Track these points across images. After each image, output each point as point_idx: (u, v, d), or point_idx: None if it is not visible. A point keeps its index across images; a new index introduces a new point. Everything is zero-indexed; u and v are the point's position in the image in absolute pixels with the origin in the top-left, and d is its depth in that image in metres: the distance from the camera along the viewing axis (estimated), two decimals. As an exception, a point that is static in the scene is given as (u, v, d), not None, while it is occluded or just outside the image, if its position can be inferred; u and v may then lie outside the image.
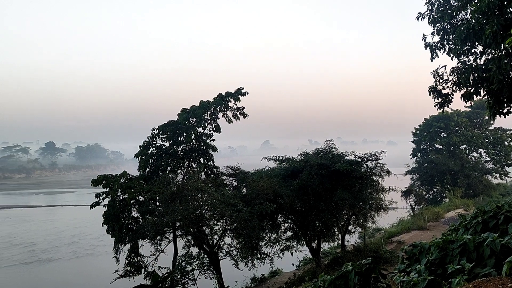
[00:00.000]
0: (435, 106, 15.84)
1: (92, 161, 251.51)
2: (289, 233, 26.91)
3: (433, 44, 15.54)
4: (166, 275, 22.14)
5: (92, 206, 25.95)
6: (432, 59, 15.67)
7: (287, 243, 26.06)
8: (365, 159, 26.84)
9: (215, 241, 23.55)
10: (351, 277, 7.77)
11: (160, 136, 28.94)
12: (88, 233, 61.48)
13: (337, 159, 25.95)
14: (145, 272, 25.18)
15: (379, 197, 27.01)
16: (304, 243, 26.75)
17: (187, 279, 22.21)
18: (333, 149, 27.55)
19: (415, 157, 63.98)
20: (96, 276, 40.23)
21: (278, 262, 25.76)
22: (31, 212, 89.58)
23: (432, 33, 15.42)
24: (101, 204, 25.82)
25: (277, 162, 28.69)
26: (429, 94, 15.64)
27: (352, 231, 29.57)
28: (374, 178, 27.02)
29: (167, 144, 29.05)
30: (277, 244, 24.05)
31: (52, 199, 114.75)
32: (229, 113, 29.40)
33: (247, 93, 29.17)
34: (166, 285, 21.76)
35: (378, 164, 27.05)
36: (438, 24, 15.16)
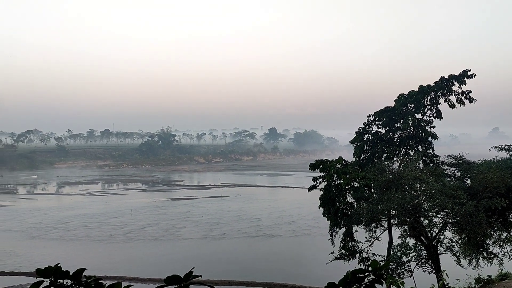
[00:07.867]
0: None
1: (308, 146, 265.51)
2: (525, 234, 23.48)
3: None
4: (384, 262, 21.91)
5: (310, 189, 27.46)
6: None
7: (522, 245, 22.78)
8: None
9: (433, 233, 22.21)
10: None
11: (376, 122, 28.57)
12: (305, 214, 65.38)
13: None
14: (359, 257, 25.50)
15: None
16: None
17: (403, 270, 21.58)
18: None
19: None
20: (313, 255, 42.65)
21: (510, 265, 22.82)
22: (257, 191, 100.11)
23: None
24: (317, 187, 27.10)
25: (511, 152, 25.22)
26: None
27: None
28: None
29: (382, 130, 28.53)
30: (508, 244, 21.26)
31: (274, 180, 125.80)
32: (452, 98, 26.99)
33: (474, 75, 26.20)
34: (385, 273, 21.52)
35: None
36: None
